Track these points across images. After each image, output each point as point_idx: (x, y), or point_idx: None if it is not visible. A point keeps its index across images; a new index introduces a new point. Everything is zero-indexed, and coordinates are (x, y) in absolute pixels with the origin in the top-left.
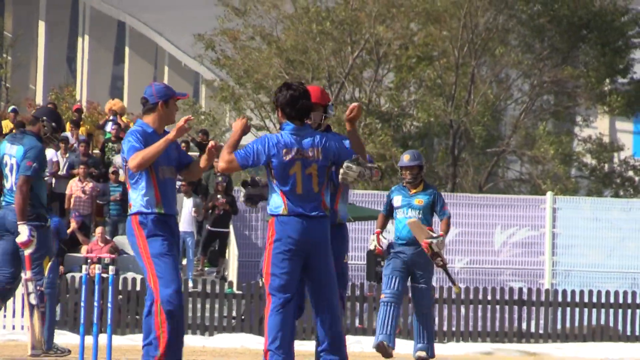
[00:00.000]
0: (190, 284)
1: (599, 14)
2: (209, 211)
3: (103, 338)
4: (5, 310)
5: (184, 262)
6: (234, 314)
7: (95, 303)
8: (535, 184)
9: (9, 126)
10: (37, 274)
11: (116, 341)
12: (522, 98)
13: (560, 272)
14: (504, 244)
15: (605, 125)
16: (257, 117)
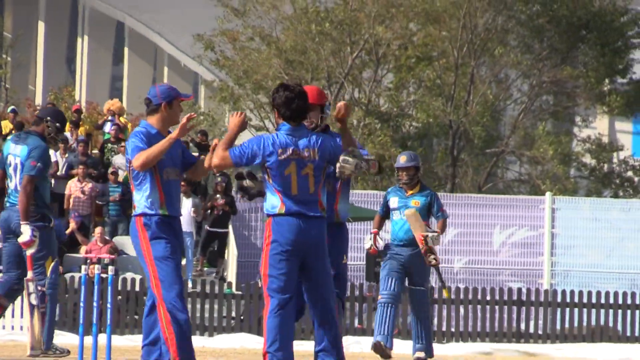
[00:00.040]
0: (190, 284)
1: (598, 14)
2: (208, 211)
3: (102, 338)
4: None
5: (183, 262)
6: (233, 314)
7: (94, 303)
8: (534, 184)
9: (8, 126)
10: (39, 274)
11: (115, 341)
12: (521, 98)
13: (559, 272)
14: (503, 244)
15: (605, 125)
16: (256, 118)
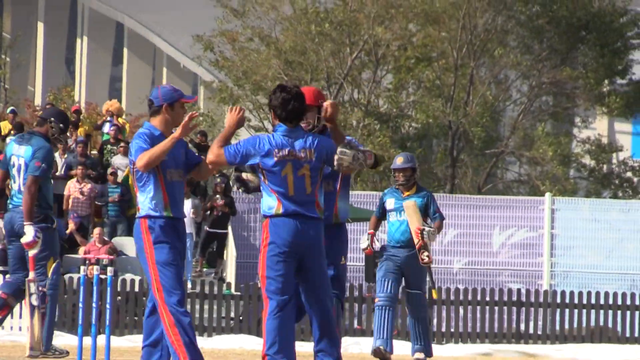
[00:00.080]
0: (189, 285)
1: (598, 15)
2: (208, 212)
3: (101, 339)
4: None
5: None
6: (232, 315)
7: (93, 304)
8: (533, 185)
9: (7, 127)
10: (40, 275)
11: (115, 342)
12: (520, 99)
13: (559, 273)
14: (502, 245)
15: (604, 126)
16: (255, 118)
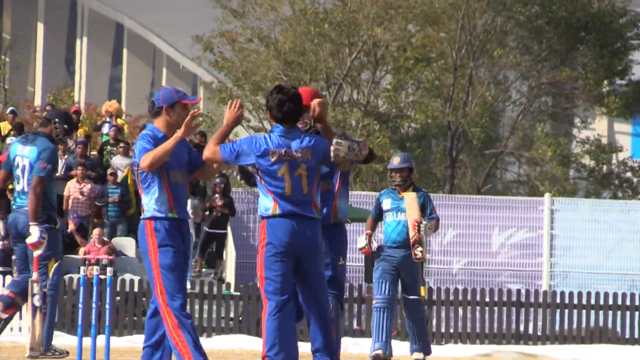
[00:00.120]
0: (188, 285)
1: (597, 16)
2: (207, 213)
3: (101, 339)
4: None
5: None
6: (232, 315)
7: (93, 304)
8: (533, 185)
9: (7, 127)
10: (41, 275)
11: (114, 343)
12: (520, 99)
13: (559, 273)
14: (502, 245)
15: (604, 126)
16: (255, 119)
